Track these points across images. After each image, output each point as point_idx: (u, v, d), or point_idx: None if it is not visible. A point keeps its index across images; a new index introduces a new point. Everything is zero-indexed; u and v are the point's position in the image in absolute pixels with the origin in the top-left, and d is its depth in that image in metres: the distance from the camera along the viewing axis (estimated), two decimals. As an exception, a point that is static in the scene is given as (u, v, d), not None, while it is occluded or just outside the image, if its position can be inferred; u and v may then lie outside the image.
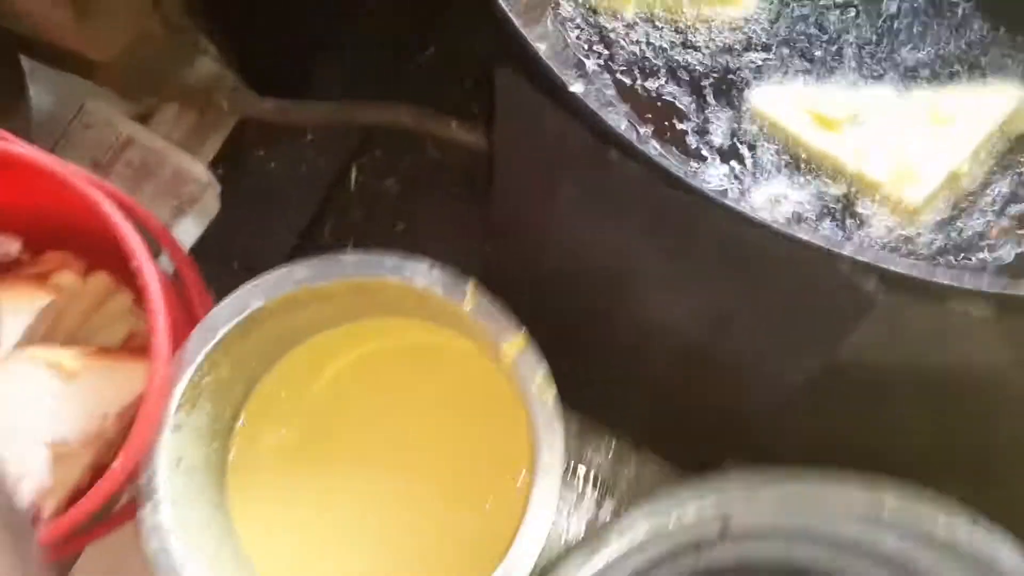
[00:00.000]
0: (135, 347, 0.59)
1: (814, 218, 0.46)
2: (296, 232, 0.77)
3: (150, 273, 0.50)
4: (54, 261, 0.60)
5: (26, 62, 0.73)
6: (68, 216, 0.58)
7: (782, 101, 0.49)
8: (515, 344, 0.52)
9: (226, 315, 0.53)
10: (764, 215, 0.40)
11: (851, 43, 0.51)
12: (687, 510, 0.50)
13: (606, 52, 0.49)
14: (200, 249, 0.76)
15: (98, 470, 0.53)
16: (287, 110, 0.68)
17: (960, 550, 0.49)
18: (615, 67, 0.48)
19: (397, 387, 0.60)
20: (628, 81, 0.48)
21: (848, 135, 0.49)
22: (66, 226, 0.61)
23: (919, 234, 0.47)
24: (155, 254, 0.54)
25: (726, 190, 0.44)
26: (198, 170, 0.75)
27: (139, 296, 0.65)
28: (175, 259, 0.60)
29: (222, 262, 0.76)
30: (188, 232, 0.74)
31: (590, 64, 0.48)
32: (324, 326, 0.60)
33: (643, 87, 0.48)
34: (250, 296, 0.53)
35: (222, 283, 0.60)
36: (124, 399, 0.54)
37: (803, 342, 0.46)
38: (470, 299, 0.53)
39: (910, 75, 0.51)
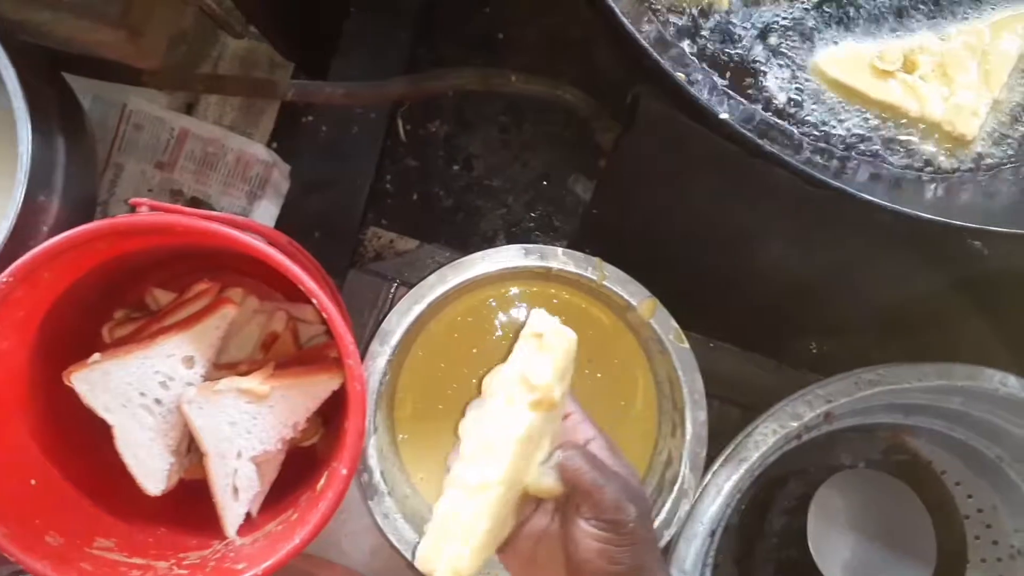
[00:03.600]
0: (305, 359, 0.65)
1: (888, 163, 0.54)
2: (365, 191, 0.81)
3: (332, 311, 0.55)
4: (202, 291, 0.64)
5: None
6: (203, 249, 0.62)
7: (841, 63, 0.55)
8: (648, 305, 0.60)
9: (395, 323, 0.59)
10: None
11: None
12: (803, 416, 0.61)
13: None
14: (278, 225, 0.79)
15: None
16: (356, 92, 0.70)
17: (1013, 401, 0.63)
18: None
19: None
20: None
21: (904, 82, 0.56)
22: (200, 257, 0.65)
23: (980, 157, 0.56)
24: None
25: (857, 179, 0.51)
26: (259, 150, 0.77)
27: (262, 297, 0.70)
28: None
29: (303, 233, 0.79)
30: (268, 213, 0.77)
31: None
32: (456, 299, 0.67)
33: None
34: (412, 303, 0.60)
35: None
36: (310, 407, 0.61)
37: (906, 281, 0.56)
38: (601, 272, 0.60)
39: (940, 12, 0.57)
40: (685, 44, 0.53)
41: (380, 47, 0.79)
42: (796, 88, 0.54)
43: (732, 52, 0.53)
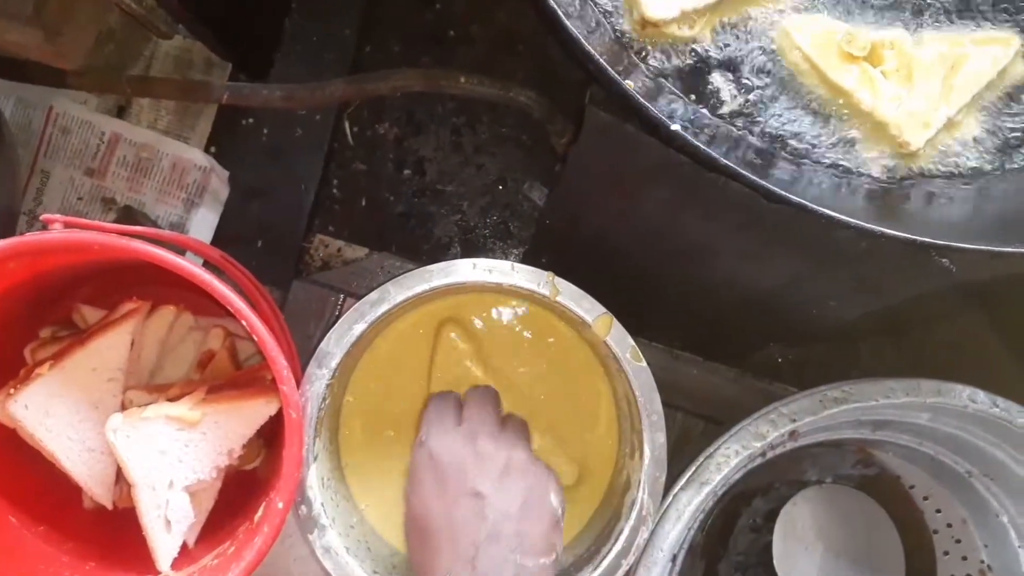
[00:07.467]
0: (241, 382, 0.61)
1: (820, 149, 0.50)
2: (310, 197, 0.77)
3: (263, 333, 0.51)
4: (131, 311, 0.60)
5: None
6: (131, 268, 0.58)
7: (810, 32, 0.51)
8: (604, 321, 0.57)
9: (335, 344, 0.56)
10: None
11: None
12: (767, 436, 0.58)
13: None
14: (218, 234, 0.75)
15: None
16: (295, 95, 0.66)
17: (982, 417, 0.60)
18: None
19: (477, 355, 0.65)
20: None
21: (864, 72, 0.52)
22: (132, 270, 0.61)
23: (922, 172, 0.53)
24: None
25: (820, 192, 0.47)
26: (196, 155, 0.73)
27: (196, 312, 0.66)
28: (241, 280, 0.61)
29: (245, 243, 0.76)
30: (206, 222, 0.73)
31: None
32: (403, 313, 0.63)
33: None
34: (352, 322, 0.56)
35: (252, 267, 0.62)
36: (246, 433, 0.57)
37: (866, 297, 0.53)
38: (553, 288, 0.57)
39: (923, 15, 0.54)
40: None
41: (324, 45, 0.75)
42: (758, 48, 0.50)
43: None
